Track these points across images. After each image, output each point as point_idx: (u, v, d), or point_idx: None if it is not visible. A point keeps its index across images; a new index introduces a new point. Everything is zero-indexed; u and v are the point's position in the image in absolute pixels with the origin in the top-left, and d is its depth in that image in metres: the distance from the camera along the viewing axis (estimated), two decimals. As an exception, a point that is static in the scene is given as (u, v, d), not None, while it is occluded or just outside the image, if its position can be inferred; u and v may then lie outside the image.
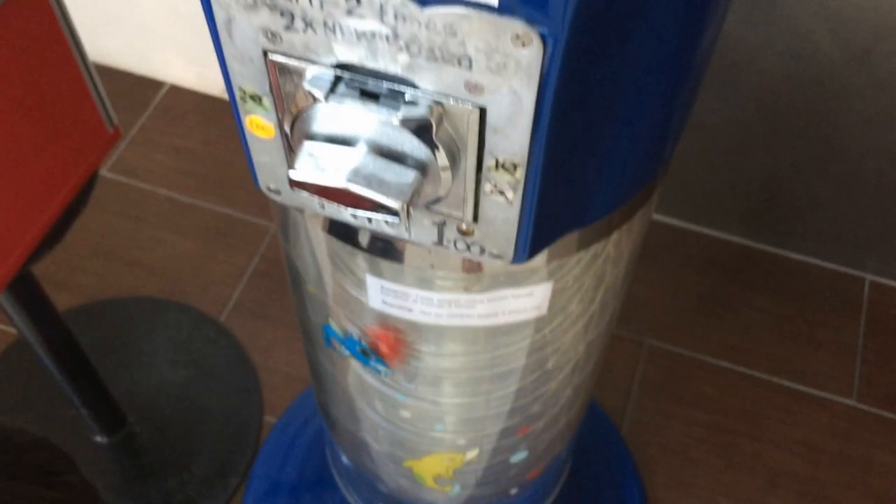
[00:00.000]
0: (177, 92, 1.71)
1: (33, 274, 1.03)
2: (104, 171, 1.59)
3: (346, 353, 0.62)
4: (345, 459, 0.90)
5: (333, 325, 0.60)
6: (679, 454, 1.32)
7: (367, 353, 0.60)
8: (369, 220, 0.44)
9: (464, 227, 0.42)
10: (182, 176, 1.60)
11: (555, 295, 0.54)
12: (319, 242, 0.53)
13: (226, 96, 1.59)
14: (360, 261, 0.51)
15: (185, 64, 1.68)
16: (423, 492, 0.81)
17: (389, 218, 0.36)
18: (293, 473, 1.25)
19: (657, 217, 1.53)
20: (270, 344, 1.42)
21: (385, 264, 0.50)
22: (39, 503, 0.56)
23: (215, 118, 1.68)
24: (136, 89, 1.71)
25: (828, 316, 1.45)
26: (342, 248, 0.51)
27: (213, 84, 1.69)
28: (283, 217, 0.56)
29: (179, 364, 1.38)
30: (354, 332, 0.59)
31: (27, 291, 1.03)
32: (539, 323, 0.58)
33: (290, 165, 0.42)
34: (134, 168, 1.60)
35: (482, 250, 0.43)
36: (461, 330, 0.58)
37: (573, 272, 0.55)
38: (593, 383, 0.78)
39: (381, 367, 0.61)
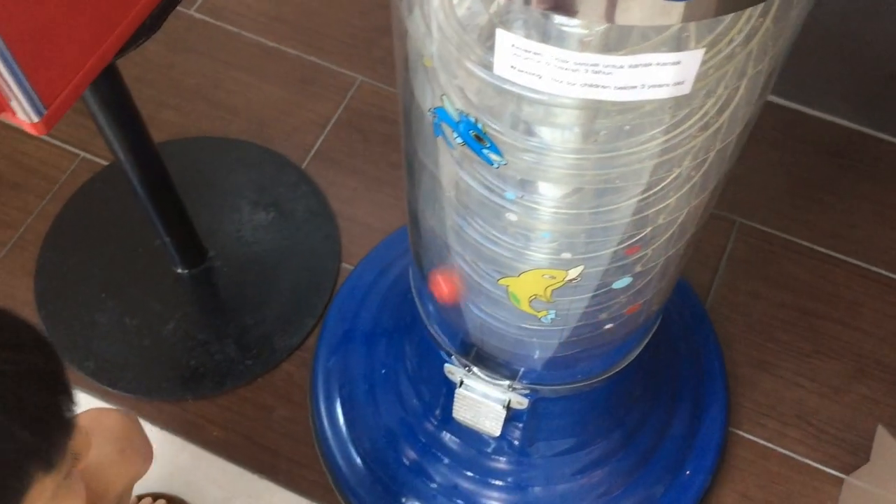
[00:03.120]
0: (267, -65, 1.66)
1: (132, 100, 1.01)
2: (192, 11, 1.56)
3: (458, 141, 0.59)
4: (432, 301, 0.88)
5: (448, 106, 0.57)
6: (763, 334, 1.27)
7: (482, 139, 0.57)
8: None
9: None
10: (270, 21, 1.56)
11: (696, 80, 0.49)
12: None
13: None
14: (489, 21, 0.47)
15: None
16: (515, 319, 0.78)
17: None
18: (368, 320, 1.24)
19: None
20: (351, 194, 1.39)
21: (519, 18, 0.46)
22: None
23: (305, -36, 1.63)
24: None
25: (936, 208, 1.37)
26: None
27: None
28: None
29: (260, 205, 1.37)
30: (471, 111, 0.56)
31: (126, 114, 1.02)
32: (674, 112, 0.54)
33: None
34: (221, 10, 1.57)
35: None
36: (587, 114, 0.54)
37: (723, 52, 0.50)
38: (702, 223, 0.73)
39: (494, 157, 0.58)
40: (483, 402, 0.91)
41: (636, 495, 1.14)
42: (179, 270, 1.31)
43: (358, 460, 1.14)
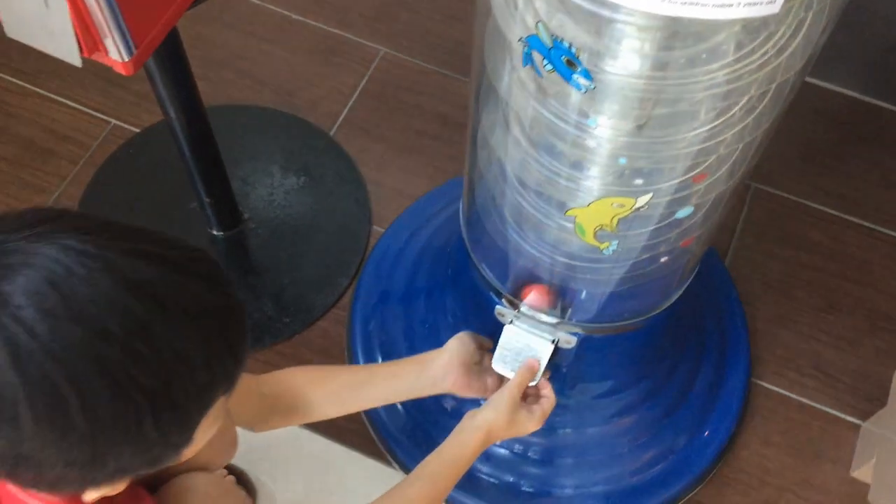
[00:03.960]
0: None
1: (187, 57, 1.05)
2: (217, -16, 1.59)
3: (548, 68, 0.63)
4: (489, 234, 0.92)
5: (541, 33, 0.61)
6: (781, 291, 1.33)
7: (573, 64, 0.61)
8: None
9: None
10: (293, -7, 1.59)
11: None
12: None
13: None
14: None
15: None
16: (575, 250, 0.83)
17: None
18: (403, 280, 1.28)
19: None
20: (379, 160, 1.43)
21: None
22: (196, 303, 0.58)
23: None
24: None
25: (940, 173, 1.43)
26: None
27: None
28: None
29: (291, 171, 1.41)
30: (565, 36, 0.60)
31: (181, 69, 1.05)
32: (753, 37, 0.58)
33: None
34: (246, -17, 1.60)
35: None
36: (670, 37, 0.59)
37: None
38: (757, 156, 0.78)
39: (583, 81, 0.62)
40: (531, 342, 0.95)
41: (662, 444, 1.19)
42: (215, 232, 1.34)
43: (399, 408, 1.18)
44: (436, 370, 0.92)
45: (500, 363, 0.92)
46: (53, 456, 0.55)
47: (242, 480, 1.12)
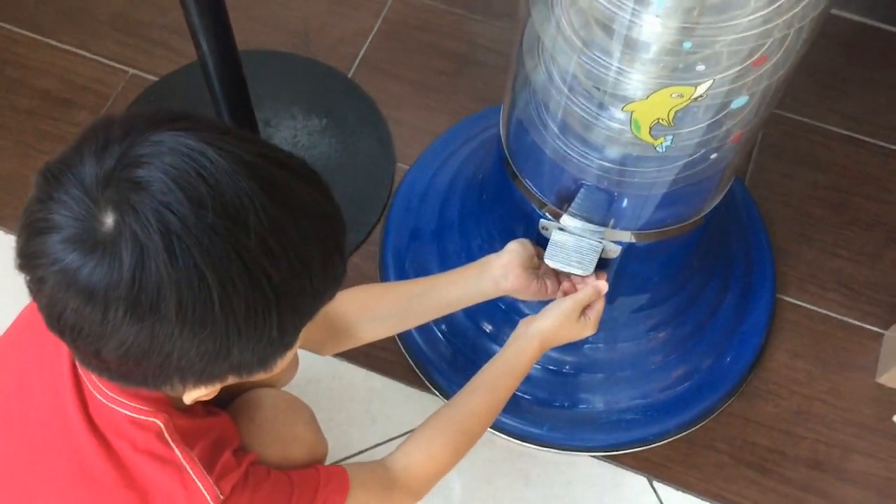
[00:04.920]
0: None
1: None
2: (224, -68, 1.58)
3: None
4: (533, 146, 0.94)
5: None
6: (800, 210, 1.36)
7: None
8: None
9: None
10: (302, -61, 1.59)
11: None
12: None
13: None
14: None
15: None
16: (627, 150, 0.85)
17: None
18: (433, 213, 1.29)
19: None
20: (399, 99, 1.44)
21: None
22: (316, 208, 0.60)
23: None
24: None
25: (947, 92, 1.47)
26: None
27: None
28: None
29: (313, 113, 1.42)
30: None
31: (217, 5, 1.05)
32: None
33: None
34: (253, -70, 1.59)
35: None
36: None
37: None
38: (808, 44, 0.79)
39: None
40: (578, 251, 0.97)
41: (692, 359, 1.22)
42: (242, 174, 1.34)
43: (438, 334, 1.20)
44: (496, 270, 0.94)
45: (551, 259, 0.95)
46: (187, 343, 0.56)
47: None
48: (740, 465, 1.20)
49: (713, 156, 0.85)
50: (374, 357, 1.24)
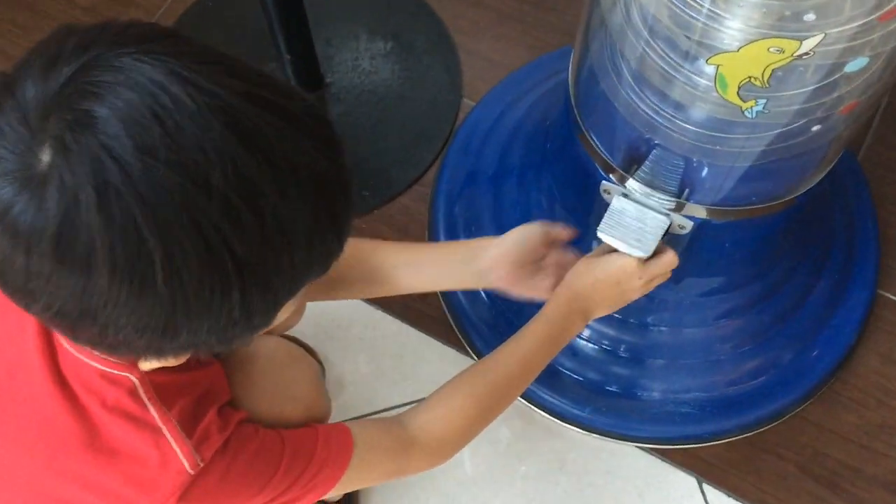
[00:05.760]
0: None
1: None
2: None
3: None
4: (603, 97, 0.80)
5: None
6: (919, 194, 1.18)
7: None
8: None
9: None
10: None
11: None
12: None
13: None
14: None
15: None
16: (709, 111, 0.70)
17: None
18: (494, 158, 1.17)
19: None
20: (474, 27, 1.31)
21: None
22: (312, 168, 0.49)
23: None
24: None
25: None
26: None
27: None
28: None
29: (378, 35, 1.29)
30: None
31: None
32: None
33: None
34: None
35: None
36: None
37: None
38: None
39: None
40: (640, 225, 0.84)
41: (768, 353, 1.08)
42: (295, 95, 1.24)
43: (482, 295, 1.09)
44: (484, 262, 0.82)
45: (606, 232, 0.81)
46: (123, 318, 0.47)
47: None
48: (807, 477, 1.06)
49: (816, 128, 0.70)
50: (413, 310, 1.14)
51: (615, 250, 0.80)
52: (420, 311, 1.14)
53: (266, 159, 0.47)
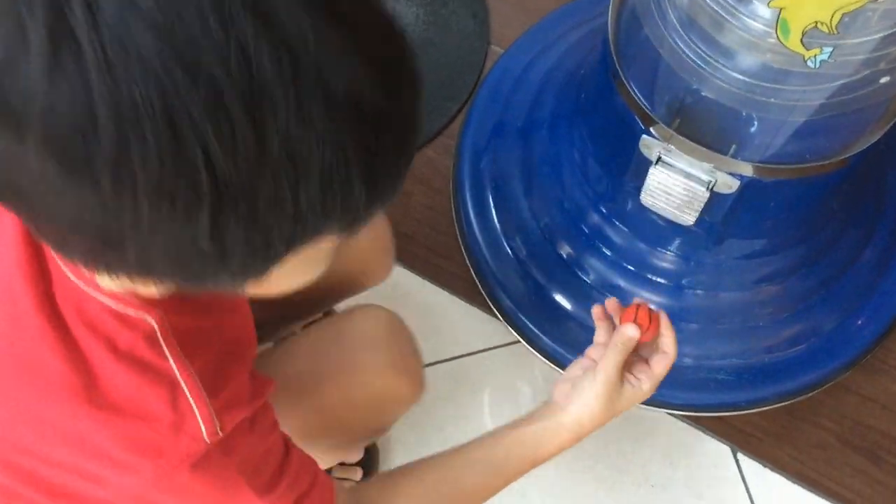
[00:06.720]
0: None
1: None
2: None
3: None
4: (645, 43, 0.74)
5: None
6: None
7: None
8: None
9: None
10: None
11: None
12: None
13: None
14: None
15: None
16: (767, 60, 0.64)
17: None
18: (523, 109, 1.10)
19: None
20: (503, -31, 1.24)
21: None
22: (355, 94, 0.38)
23: None
24: None
25: None
26: None
27: None
28: None
29: (402, -24, 1.23)
30: None
31: None
32: None
33: None
34: None
35: None
36: None
37: None
38: None
39: None
40: (683, 183, 0.78)
41: (809, 320, 1.03)
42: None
43: (509, 252, 1.04)
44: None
45: (651, 195, 0.75)
46: (53, 204, 0.38)
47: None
48: (847, 448, 1.02)
49: (884, 79, 0.63)
50: (436, 266, 1.10)
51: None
52: (443, 268, 1.09)
53: (292, 61, 0.36)
